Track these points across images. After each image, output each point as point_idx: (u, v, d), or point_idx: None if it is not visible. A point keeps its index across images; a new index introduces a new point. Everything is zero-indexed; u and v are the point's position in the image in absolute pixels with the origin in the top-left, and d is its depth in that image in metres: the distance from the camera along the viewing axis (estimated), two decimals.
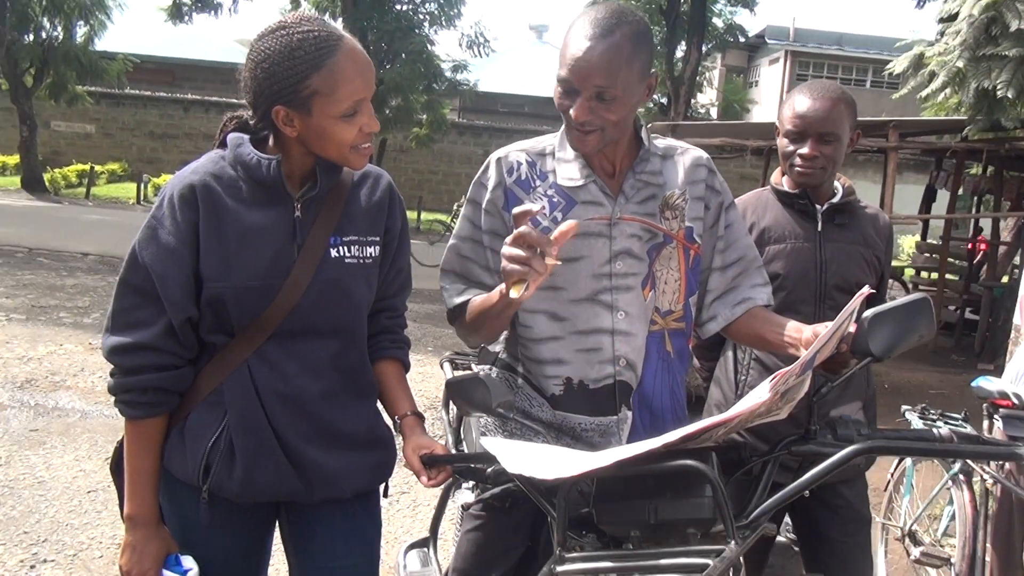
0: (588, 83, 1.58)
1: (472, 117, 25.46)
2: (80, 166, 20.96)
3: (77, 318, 7.30)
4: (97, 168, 20.75)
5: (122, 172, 22.42)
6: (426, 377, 6.18)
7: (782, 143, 2.22)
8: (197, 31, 20.13)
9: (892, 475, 3.61)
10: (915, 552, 3.18)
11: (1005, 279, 9.93)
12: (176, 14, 17.65)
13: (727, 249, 1.84)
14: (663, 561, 1.23)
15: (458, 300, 1.79)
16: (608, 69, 1.56)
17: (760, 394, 1.26)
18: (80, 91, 19.83)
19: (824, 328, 1.51)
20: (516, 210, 1.40)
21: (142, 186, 19.28)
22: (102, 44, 19.92)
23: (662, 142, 1.83)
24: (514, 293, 1.41)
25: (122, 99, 23.38)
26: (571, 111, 1.61)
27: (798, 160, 2.17)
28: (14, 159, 20.47)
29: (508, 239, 1.41)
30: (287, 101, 1.50)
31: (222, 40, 31.07)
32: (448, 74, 18.65)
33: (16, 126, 19.32)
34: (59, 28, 19.11)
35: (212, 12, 17.60)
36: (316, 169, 1.59)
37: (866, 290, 1.42)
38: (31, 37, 18.86)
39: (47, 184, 19.39)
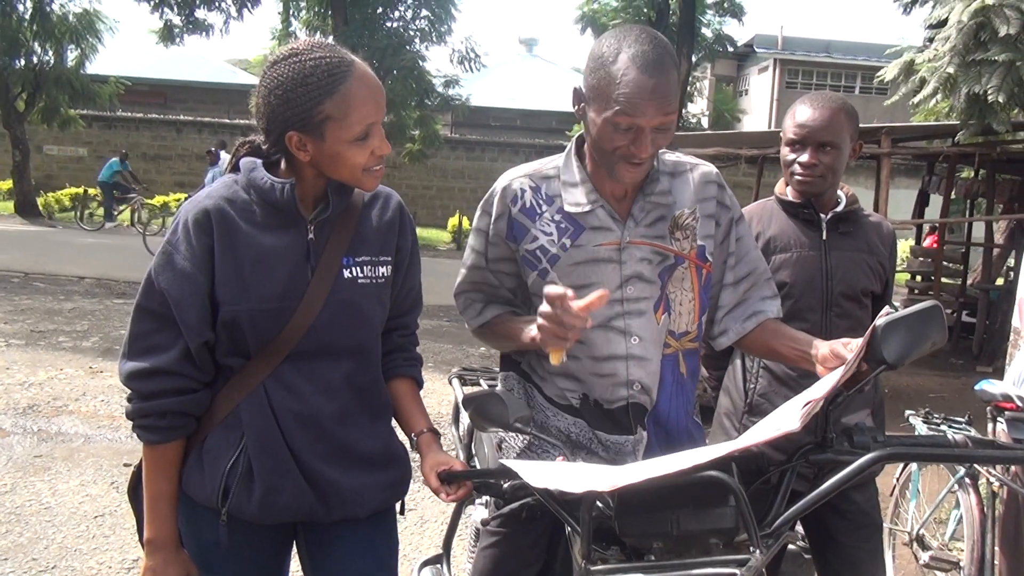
0: (654, 119, 1.56)
1: (465, 131, 25.53)
2: (73, 189, 20.87)
3: (76, 342, 7.29)
4: (91, 191, 20.72)
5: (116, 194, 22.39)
6: (428, 393, 6.13)
7: (784, 152, 2.25)
8: (188, 52, 20.22)
9: (898, 480, 3.62)
10: (924, 556, 3.19)
11: (1000, 281, 9.98)
12: (167, 36, 17.71)
13: (738, 264, 1.84)
14: (691, 572, 1.25)
15: (481, 320, 1.84)
16: (670, 100, 1.57)
17: (790, 423, 1.28)
18: (72, 115, 19.81)
19: (842, 347, 1.55)
20: (549, 291, 1.46)
21: (136, 208, 19.26)
22: (93, 67, 19.92)
23: (671, 158, 1.83)
24: (554, 360, 1.53)
25: (114, 122, 23.39)
26: (631, 148, 1.59)
27: (798, 168, 2.20)
28: (7, 184, 20.44)
29: (541, 309, 1.49)
30: (300, 127, 1.52)
31: (214, 61, 31.19)
32: (440, 89, 18.73)
33: (8, 151, 19.29)
34: (50, 52, 19.09)
35: (203, 33, 17.67)
36: (328, 191, 1.61)
37: (887, 309, 1.45)
38: (22, 62, 18.83)
39: (41, 208, 19.36)
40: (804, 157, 2.18)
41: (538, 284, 1.74)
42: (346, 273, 1.62)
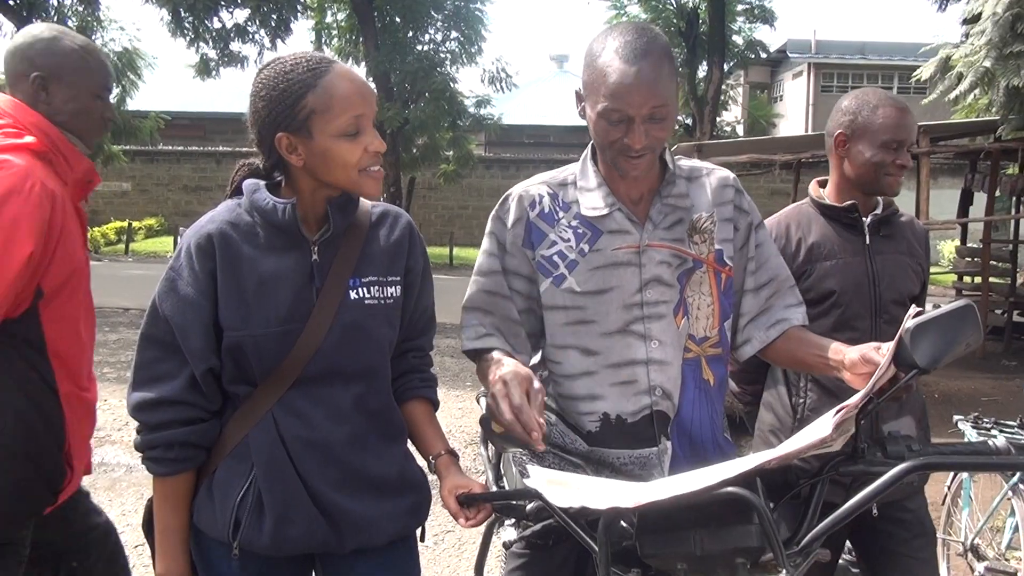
0: (643, 107, 1.54)
1: (498, 150, 25.61)
2: (118, 223, 21.42)
3: (120, 372, 7.39)
4: (135, 224, 21.17)
5: (159, 227, 22.89)
6: (466, 413, 6.16)
7: (877, 155, 2.12)
8: (225, 85, 20.51)
9: (949, 488, 3.50)
10: (979, 567, 3.07)
11: None
12: (204, 70, 18.02)
13: (759, 270, 1.79)
14: None
15: (475, 344, 1.74)
16: (658, 88, 1.54)
17: (822, 429, 1.23)
18: (115, 151, 20.28)
19: (874, 351, 1.48)
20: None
21: (179, 239, 19.63)
22: (134, 103, 20.38)
23: (687, 163, 1.80)
24: (496, 429, 1.43)
25: (156, 156, 23.93)
26: (625, 140, 1.57)
27: (894, 170, 2.13)
28: None
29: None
30: (286, 126, 1.51)
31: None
32: (472, 110, 18.74)
33: None
34: None
35: (239, 66, 17.93)
36: (328, 210, 1.58)
37: (914, 309, 1.39)
38: None
39: (88, 243, 19.79)
40: (902, 159, 2.13)
41: (551, 293, 1.72)
42: (352, 294, 1.59)
